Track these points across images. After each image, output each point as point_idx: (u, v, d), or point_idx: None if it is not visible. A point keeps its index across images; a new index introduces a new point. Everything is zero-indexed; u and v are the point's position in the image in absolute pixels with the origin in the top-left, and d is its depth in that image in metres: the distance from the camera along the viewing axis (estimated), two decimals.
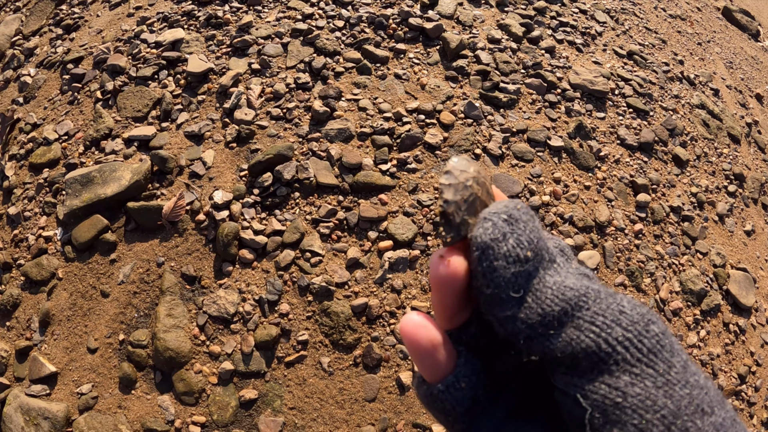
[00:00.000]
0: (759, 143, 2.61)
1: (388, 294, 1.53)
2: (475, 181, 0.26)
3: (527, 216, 0.24)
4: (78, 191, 1.70)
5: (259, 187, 1.66)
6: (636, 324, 0.22)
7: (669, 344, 0.22)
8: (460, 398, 0.25)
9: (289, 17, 2.15)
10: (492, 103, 1.99)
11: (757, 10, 4.27)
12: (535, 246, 0.24)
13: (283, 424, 1.39)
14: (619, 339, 0.22)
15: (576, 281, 0.24)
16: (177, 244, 1.61)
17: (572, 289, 0.23)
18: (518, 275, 0.23)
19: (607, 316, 0.22)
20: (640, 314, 0.22)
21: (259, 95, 1.89)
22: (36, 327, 1.58)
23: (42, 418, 1.40)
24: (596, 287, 0.23)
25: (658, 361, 0.21)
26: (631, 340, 0.22)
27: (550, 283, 0.23)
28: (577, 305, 0.23)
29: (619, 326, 0.22)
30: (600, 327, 0.22)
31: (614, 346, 0.22)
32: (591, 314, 0.22)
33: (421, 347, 0.25)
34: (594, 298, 0.23)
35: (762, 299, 1.98)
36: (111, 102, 1.97)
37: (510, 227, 0.23)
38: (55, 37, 2.42)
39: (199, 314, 1.50)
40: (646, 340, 0.22)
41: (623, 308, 0.22)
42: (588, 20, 2.58)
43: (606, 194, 1.90)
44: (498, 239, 0.23)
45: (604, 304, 0.23)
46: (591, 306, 0.23)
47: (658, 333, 0.22)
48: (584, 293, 0.23)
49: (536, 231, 0.24)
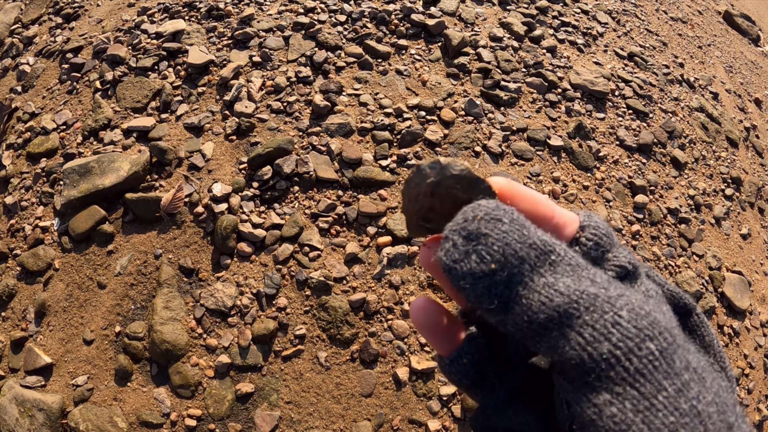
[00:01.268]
0: (757, 148, 2.63)
1: (386, 289, 1.53)
2: (429, 195, 0.25)
3: (489, 225, 0.23)
4: (76, 181, 1.69)
5: (259, 181, 1.66)
6: (628, 340, 0.20)
7: (665, 365, 0.20)
8: (465, 372, 0.26)
9: (290, 10, 2.14)
10: (493, 101, 1.99)
11: (758, 14, 4.29)
12: (501, 256, 0.22)
13: (279, 418, 1.39)
14: (605, 355, 0.20)
15: (571, 283, 0.22)
16: (175, 236, 1.61)
17: (562, 294, 0.22)
18: (490, 288, 0.22)
19: (596, 328, 0.21)
20: (638, 328, 0.21)
21: (260, 88, 1.88)
22: (32, 318, 1.57)
23: (37, 409, 1.40)
24: (593, 291, 0.22)
25: (645, 382, 0.20)
26: (619, 357, 0.20)
27: (540, 286, 0.22)
28: (566, 313, 0.21)
29: (608, 341, 0.20)
30: (586, 340, 0.21)
31: (598, 362, 0.20)
32: (580, 324, 0.21)
33: (425, 325, 0.27)
34: (587, 305, 0.21)
35: (756, 302, 2.00)
36: (110, 92, 1.95)
37: (470, 243, 0.23)
38: (54, 26, 2.40)
39: (197, 307, 1.50)
40: (636, 359, 0.20)
41: (618, 320, 0.21)
42: (590, 21, 2.59)
43: (604, 194, 1.91)
44: (458, 260, 0.23)
45: (597, 314, 0.21)
46: (582, 314, 0.21)
47: (653, 351, 0.20)
48: (576, 299, 0.21)
49: (502, 238, 0.23)
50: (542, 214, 0.26)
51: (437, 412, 1.41)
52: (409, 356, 1.46)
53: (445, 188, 0.25)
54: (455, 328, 0.28)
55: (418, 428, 1.40)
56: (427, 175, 0.25)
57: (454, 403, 1.43)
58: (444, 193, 0.25)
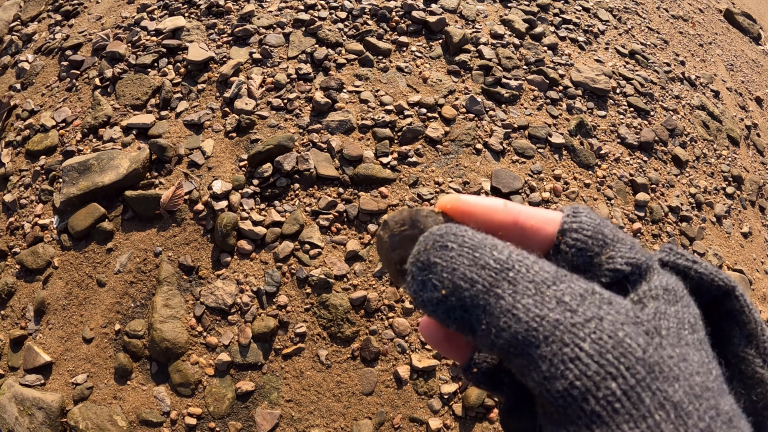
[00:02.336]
0: (758, 146, 2.62)
1: (386, 287, 1.53)
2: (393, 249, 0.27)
3: (438, 253, 0.23)
4: (75, 179, 1.68)
5: (259, 178, 1.65)
6: (585, 378, 0.19)
7: (629, 406, 0.18)
8: (479, 380, 0.27)
9: (291, 7, 2.13)
10: (494, 98, 1.98)
11: (759, 13, 4.28)
12: (450, 282, 0.22)
13: (279, 416, 1.38)
14: (559, 394, 0.19)
15: (532, 306, 0.21)
16: (175, 233, 1.60)
17: (519, 321, 0.20)
18: (448, 313, 0.22)
19: (554, 363, 0.19)
20: (600, 364, 0.19)
21: (260, 85, 1.87)
22: (31, 316, 1.57)
23: (36, 408, 1.39)
24: (553, 318, 0.20)
25: (602, 425, 0.18)
26: (575, 397, 0.19)
27: (498, 310, 0.21)
28: (525, 341, 0.20)
29: (564, 378, 0.19)
30: (543, 375, 0.19)
31: (556, 398, 0.19)
32: (539, 356, 0.20)
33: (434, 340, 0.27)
34: (546, 334, 0.20)
35: (757, 301, 1.99)
36: (110, 89, 1.95)
37: (423, 273, 0.23)
38: (54, 23, 2.39)
39: (197, 305, 1.49)
40: (593, 399, 0.18)
41: (579, 353, 0.19)
42: (591, 18, 2.58)
43: (605, 192, 1.90)
44: (417, 290, 0.23)
45: (555, 345, 0.20)
46: (540, 344, 0.20)
47: (614, 392, 0.18)
48: (534, 327, 0.20)
49: (450, 265, 0.23)
50: (500, 222, 0.25)
51: (438, 410, 1.41)
52: (410, 354, 1.46)
53: (400, 238, 0.27)
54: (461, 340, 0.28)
55: (419, 426, 1.39)
56: (381, 237, 0.28)
57: (456, 402, 1.43)
58: (403, 241, 0.27)
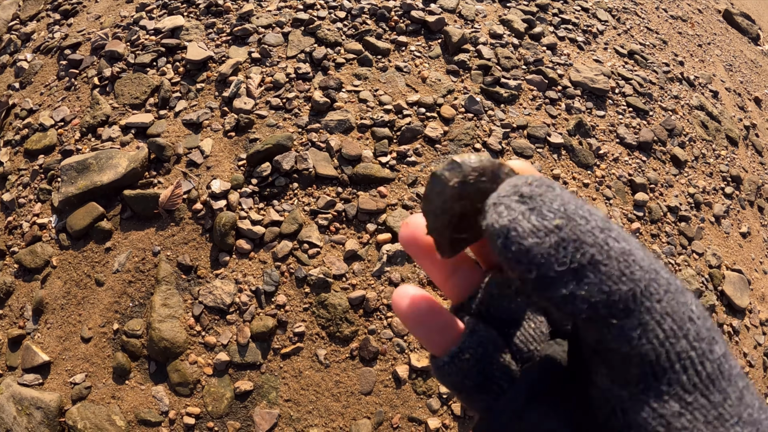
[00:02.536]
0: (756, 146, 2.62)
1: (385, 287, 1.53)
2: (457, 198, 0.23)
3: (542, 188, 0.20)
4: (74, 178, 1.68)
5: (258, 177, 1.65)
6: (702, 341, 0.18)
7: (728, 369, 0.18)
8: (467, 371, 0.23)
9: (290, 7, 2.13)
10: (493, 98, 1.98)
11: (757, 13, 4.28)
12: (563, 213, 0.19)
13: (278, 416, 1.38)
14: (682, 356, 0.18)
15: (645, 256, 0.19)
16: (173, 233, 1.60)
17: (641, 267, 0.19)
18: (558, 246, 0.19)
19: (675, 320, 0.18)
20: (708, 328, 0.18)
21: (259, 84, 1.87)
22: (29, 315, 1.56)
23: (34, 407, 1.39)
24: (666, 273, 0.19)
25: (714, 390, 0.18)
26: (693, 360, 0.18)
27: (616, 252, 0.19)
28: (647, 290, 0.18)
29: (686, 339, 0.18)
30: (666, 333, 0.18)
31: (674, 363, 0.18)
32: (660, 311, 0.18)
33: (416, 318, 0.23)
34: (665, 287, 0.19)
35: (756, 301, 1.99)
36: (108, 88, 1.94)
37: (526, 204, 0.20)
38: (52, 23, 2.38)
39: (195, 304, 1.49)
40: (708, 363, 0.18)
41: (692, 314, 0.18)
42: (590, 18, 2.58)
43: (604, 192, 1.90)
44: (517, 218, 0.19)
45: (675, 301, 0.18)
46: (663, 298, 0.18)
47: (720, 356, 0.18)
48: (654, 277, 0.19)
49: (559, 199, 0.20)
50: None
51: (437, 410, 1.41)
52: (408, 354, 1.46)
53: (472, 185, 0.22)
54: (450, 323, 0.24)
55: (417, 426, 1.39)
56: (447, 179, 0.22)
57: (454, 401, 1.42)
58: (472, 191, 0.22)
